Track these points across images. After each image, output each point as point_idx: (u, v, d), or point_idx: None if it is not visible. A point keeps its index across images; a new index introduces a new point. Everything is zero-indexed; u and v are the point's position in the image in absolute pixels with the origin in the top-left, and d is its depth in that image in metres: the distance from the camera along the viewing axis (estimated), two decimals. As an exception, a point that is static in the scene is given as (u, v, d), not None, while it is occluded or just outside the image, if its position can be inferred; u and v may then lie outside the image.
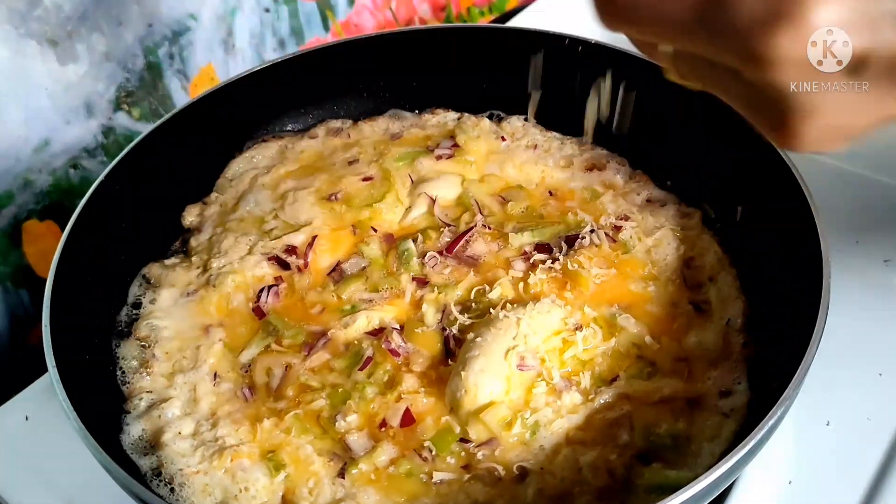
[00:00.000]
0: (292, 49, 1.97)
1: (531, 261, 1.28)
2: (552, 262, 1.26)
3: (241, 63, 1.88)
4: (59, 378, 1.03)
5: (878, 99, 0.67)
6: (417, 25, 2.26)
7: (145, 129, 1.63)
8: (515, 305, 1.18)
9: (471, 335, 1.14)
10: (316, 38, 2.02)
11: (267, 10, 1.87)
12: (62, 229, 1.22)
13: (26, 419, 1.35)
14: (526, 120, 1.55)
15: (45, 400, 1.35)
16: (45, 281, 1.15)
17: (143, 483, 1.03)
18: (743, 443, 0.89)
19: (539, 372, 1.11)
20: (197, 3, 1.72)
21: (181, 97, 1.78)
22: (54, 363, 1.05)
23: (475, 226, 1.34)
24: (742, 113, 0.75)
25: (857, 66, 0.64)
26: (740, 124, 1.24)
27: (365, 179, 1.45)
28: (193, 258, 1.36)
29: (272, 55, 1.93)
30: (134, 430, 1.14)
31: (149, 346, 1.24)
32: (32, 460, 1.29)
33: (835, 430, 1.24)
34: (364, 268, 1.30)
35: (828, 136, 0.70)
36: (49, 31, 1.48)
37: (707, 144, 1.34)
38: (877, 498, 1.17)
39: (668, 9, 0.68)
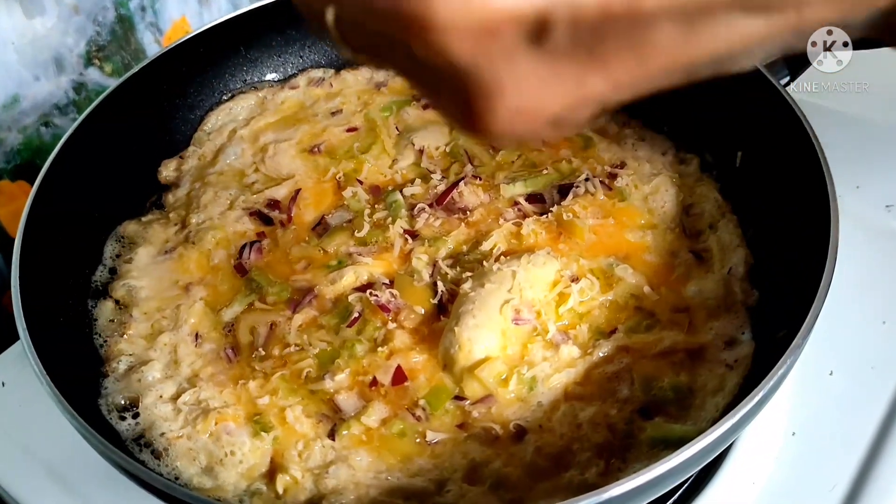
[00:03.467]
0: (270, -2, 1.91)
1: (524, 212, 1.24)
2: (545, 215, 1.22)
3: (217, 15, 1.81)
4: (30, 341, 0.99)
5: (570, 73, 0.55)
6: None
7: (118, 83, 1.59)
8: (509, 258, 1.14)
9: (464, 288, 1.10)
10: (294, -14, 1.96)
11: (243, -42, 1.81)
12: (35, 190, 1.18)
13: (2, 385, 1.31)
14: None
15: (23, 365, 1.27)
16: (18, 242, 1.11)
17: (123, 449, 0.99)
18: (753, 392, 0.86)
19: (535, 326, 1.08)
20: (169, -48, 1.66)
21: (155, 51, 1.71)
22: (25, 326, 1.01)
23: (465, 176, 1.29)
24: (425, 98, 0.64)
25: (538, 32, 0.53)
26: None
27: (349, 130, 1.41)
28: (171, 214, 1.32)
29: (248, 5, 1.87)
30: (113, 395, 1.10)
31: (126, 307, 1.20)
32: (10, 428, 1.25)
33: (838, 379, 1.21)
34: (350, 220, 1.26)
35: (521, 121, 0.58)
36: (13, -17, 1.42)
37: (704, 87, 1.29)
38: (882, 448, 1.14)
39: None
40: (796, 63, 1.25)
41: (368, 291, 1.14)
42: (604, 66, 0.55)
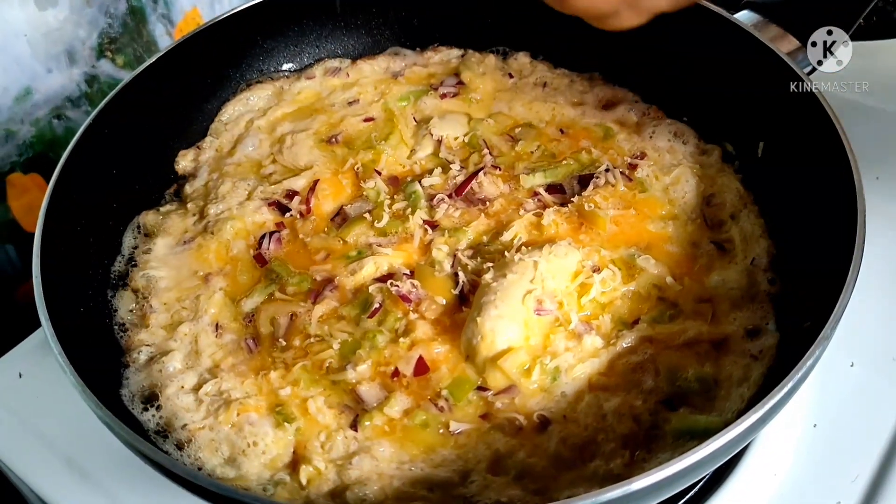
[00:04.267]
0: (282, -11, 1.90)
1: (544, 202, 1.23)
2: (565, 205, 1.22)
3: (228, 6, 1.80)
4: (52, 331, 0.98)
5: None
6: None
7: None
8: (530, 248, 1.13)
9: (485, 279, 1.09)
10: (307, -23, 1.95)
11: (255, -52, 1.80)
12: (48, 182, 1.18)
13: (20, 376, 1.30)
14: (534, 56, 1.49)
15: (40, 356, 1.30)
16: (31, 236, 1.10)
17: (147, 440, 0.98)
18: (782, 383, 0.85)
19: (557, 316, 1.07)
20: (179, -56, 1.65)
21: (166, 43, 1.71)
22: (47, 316, 0.99)
23: (484, 166, 1.28)
24: None
25: None
26: (758, 54, 1.21)
27: (366, 120, 1.40)
28: (189, 205, 1.31)
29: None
30: (134, 385, 1.09)
31: (146, 297, 1.19)
32: (28, 419, 1.25)
33: (859, 371, 1.21)
34: (369, 211, 1.25)
35: None
36: (25, -25, 1.41)
37: (725, 77, 1.28)
38: (904, 440, 1.14)
39: None
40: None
41: (389, 282, 1.13)
42: None
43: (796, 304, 1.06)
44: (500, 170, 1.29)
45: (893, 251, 1.33)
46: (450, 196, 1.25)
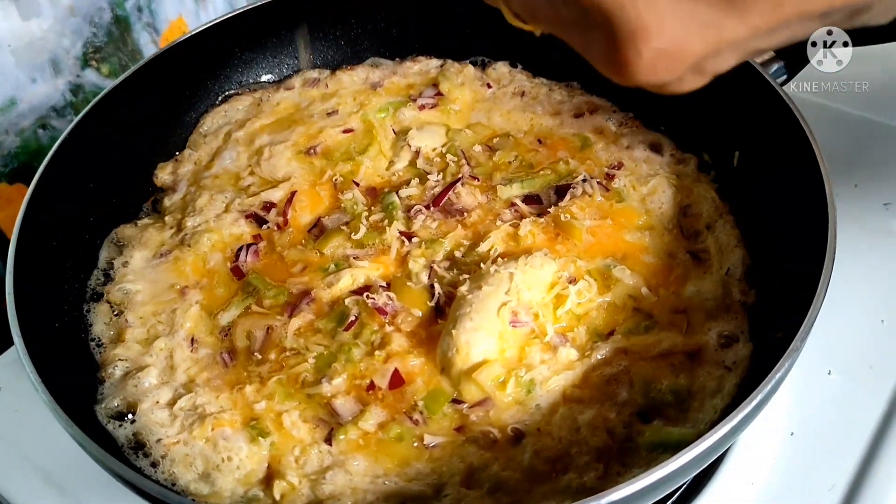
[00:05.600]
0: (266, -2, 1.90)
1: (521, 213, 1.23)
2: (542, 216, 1.21)
3: (213, 15, 1.81)
4: (24, 347, 0.98)
5: (709, 17, 0.61)
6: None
7: (114, 85, 1.58)
8: (506, 260, 1.13)
9: (461, 291, 1.09)
10: (290, -14, 1.94)
11: (239, -42, 1.81)
12: (33, 192, 1.17)
13: (-1, 390, 1.30)
14: (513, 66, 1.49)
15: (19, 369, 1.26)
16: (15, 246, 1.10)
17: (119, 456, 0.98)
18: (750, 396, 0.85)
19: (532, 328, 1.07)
20: (164, -48, 1.65)
21: (152, 52, 1.70)
22: (20, 332, 1.00)
23: (462, 177, 1.28)
24: (575, 47, 0.69)
25: None
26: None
27: (345, 132, 1.39)
28: (167, 218, 1.31)
29: (244, 5, 1.86)
30: (109, 401, 1.09)
31: (122, 312, 1.19)
32: (6, 434, 1.25)
33: (837, 379, 1.21)
34: (347, 223, 1.25)
35: (664, 63, 0.63)
36: (9, -15, 1.41)
37: (701, 88, 1.28)
38: (880, 447, 1.14)
39: None
40: (794, 62, 1.24)
41: (365, 294, 1.13)
42: (741, 10, 0.60)
43: (770, 314, 1.07)
44: (477, 180, 1.29)
45: (871, 258, 1.33)
46: (427, 207, 1.25)
